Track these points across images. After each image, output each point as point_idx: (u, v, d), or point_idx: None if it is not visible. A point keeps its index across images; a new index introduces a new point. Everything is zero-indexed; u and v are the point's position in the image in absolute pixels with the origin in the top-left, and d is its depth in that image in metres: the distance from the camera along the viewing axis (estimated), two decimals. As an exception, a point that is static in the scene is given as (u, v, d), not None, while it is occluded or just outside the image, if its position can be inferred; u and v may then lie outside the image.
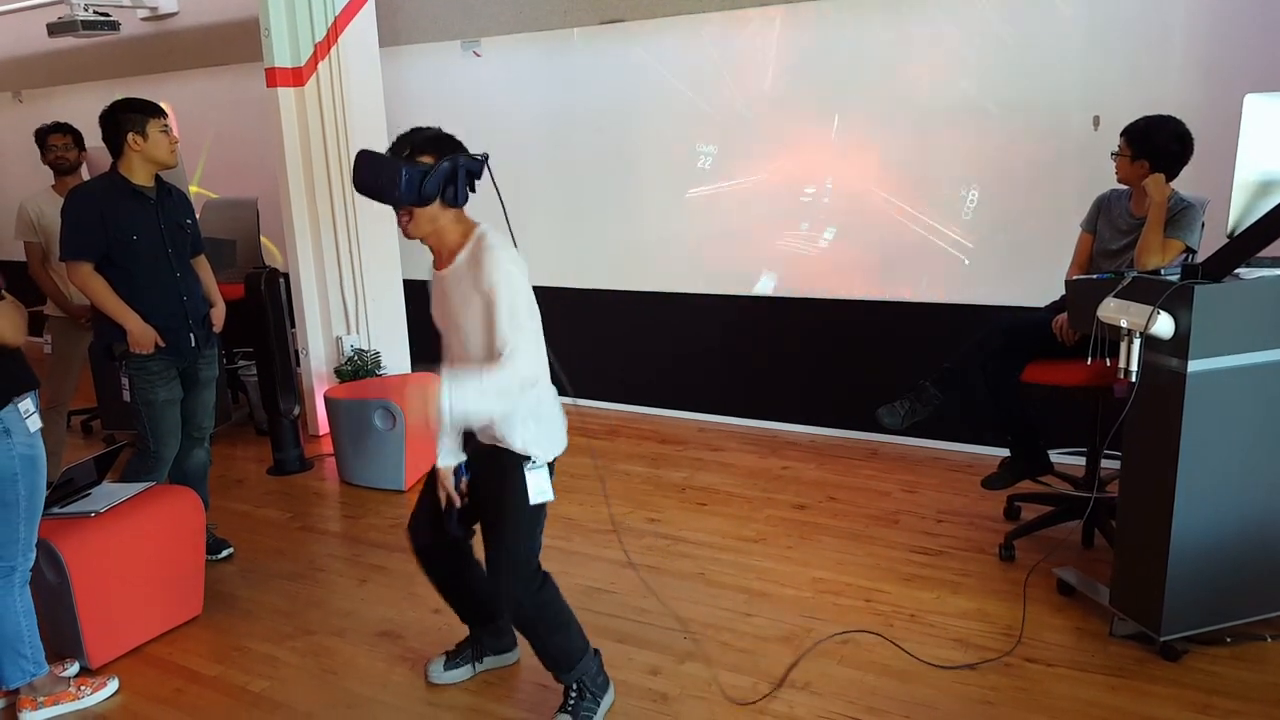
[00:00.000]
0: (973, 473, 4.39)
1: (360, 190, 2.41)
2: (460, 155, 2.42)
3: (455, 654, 3.02)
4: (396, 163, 2.36)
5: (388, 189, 2.35)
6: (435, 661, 3.02)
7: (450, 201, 2.42)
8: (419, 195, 2.36)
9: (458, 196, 2.42)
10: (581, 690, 2.73)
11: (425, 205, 2.40)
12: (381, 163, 2.37)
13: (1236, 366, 2.76)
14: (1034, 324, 3.58)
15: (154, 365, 3.53)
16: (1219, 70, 3.94)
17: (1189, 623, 2.92)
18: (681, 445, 5.14)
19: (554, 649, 2.70)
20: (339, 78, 5.16)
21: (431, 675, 3.00)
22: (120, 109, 3.46)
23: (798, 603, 3.41)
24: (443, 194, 2.40)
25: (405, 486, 4.62)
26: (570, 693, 2.73)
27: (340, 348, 5.39)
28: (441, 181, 2.38)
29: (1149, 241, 3.30)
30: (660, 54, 5.19)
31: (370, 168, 2.37)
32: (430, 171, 2.35)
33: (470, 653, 3.01)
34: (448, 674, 2.99)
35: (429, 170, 2.36)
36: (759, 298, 5.20)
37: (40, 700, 2.91)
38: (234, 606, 3.58)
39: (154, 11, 6.88)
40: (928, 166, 4.62)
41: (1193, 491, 2.80)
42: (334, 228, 5.30)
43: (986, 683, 2.88)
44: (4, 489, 2.70)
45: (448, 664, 3.00)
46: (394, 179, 2.33)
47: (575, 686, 2.73)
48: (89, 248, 3.42)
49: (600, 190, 5.56)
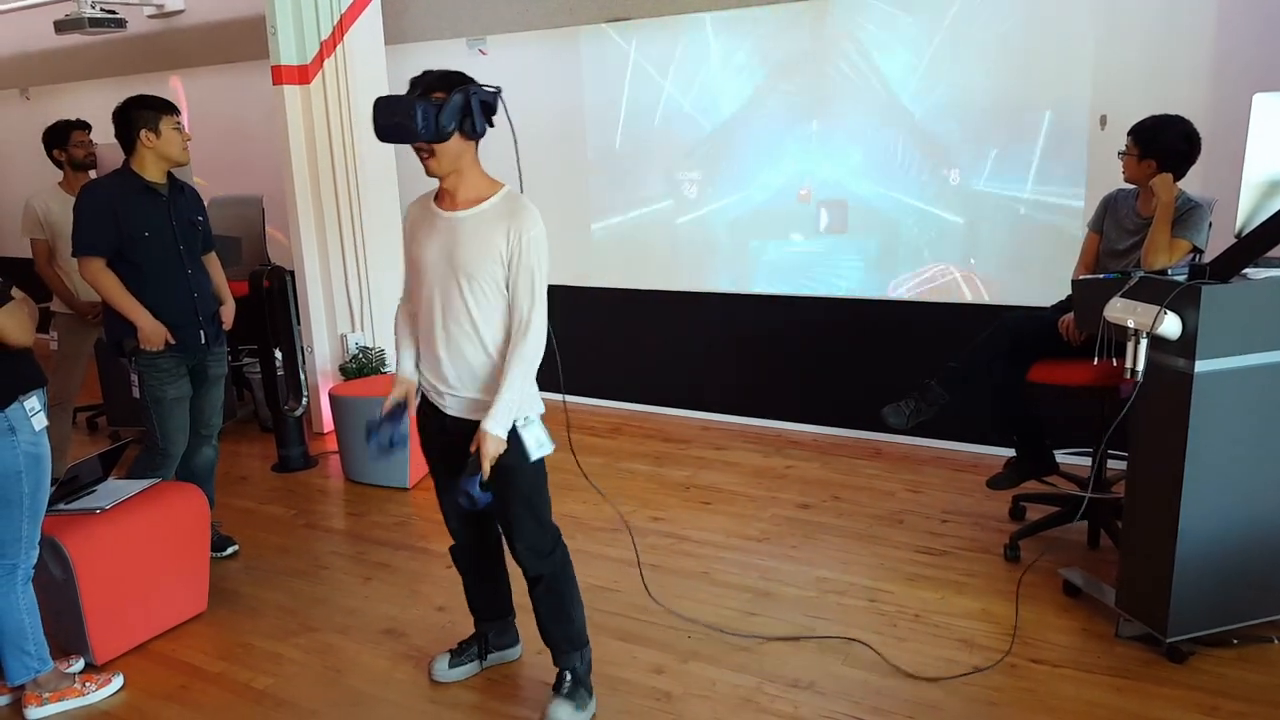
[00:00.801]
0: (978, 473, 4.38)
1: (381, 135, 2.42)
2: (471, 86, 2.44)
3: (459, 652, 3.02)
4: (410, 99, 2.38)
5: (405, 126, 2.37)
6: (439, 660, 3.02)
7: (469, 133, 2.44)
8: (436, 129, 2.37)
9: (475, 126, 2.44)
10: (576, 681, 2.75)
11: (444, 140, 2.41)
12: (397, 102, 2.39)
13: (1244, 367, 2.74)
14: (1040, 324, 3.56)
15: (164, 362, 3.54)
16: (1227, 69, 3.93)
17: (1195, 624, 2.91)
18: (685, 444, 5.13)
19: (575, 615, 2.75)
20: (344, 75, 5.17)
21: (436, 674, 3.00)
22: (133, 106, 3.46)
23: (801, 602, 3.40)
24: (460, 126, 2.41)
25: (409, 484, 4.62)
26: (564, 684, 2.74)
27: (345, 345, 5.39)
28: (457, 113, 2.40)
29: (1156, 241, 3.29)
30: (666, 51, 5.18)
31: (387, 109, 2.39)
32: (444, 104, 2.37)
33: (475, 650, 3.02)
34: (452, 672, 2.99)
35: (443, 103, 2.38)
36: (763, 296, 5.19)
37: (45, 696, 2.92)
38: (238, 603, 3.58)
39: (160, 9, 6.89)
40: (934, 164, 4.61)
41: (1199, 492, 2.79)
42: (339, 225, 5.31)
43: (991, 684, 2.87)
44: (8, 486, 2.71)
45: (452, 662, 3.00)
46: (410, 114, 2.35)
47: (570, 676, 2.75)
48: (101, 243, 3.43)
49: (605, 188, 5.55)
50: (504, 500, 2.62)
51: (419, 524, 4.22)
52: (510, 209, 2.49)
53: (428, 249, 2.56)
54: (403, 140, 2.42)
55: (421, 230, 2.59)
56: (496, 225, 2.47)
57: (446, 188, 2.53)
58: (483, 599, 3.00)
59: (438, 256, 2.54)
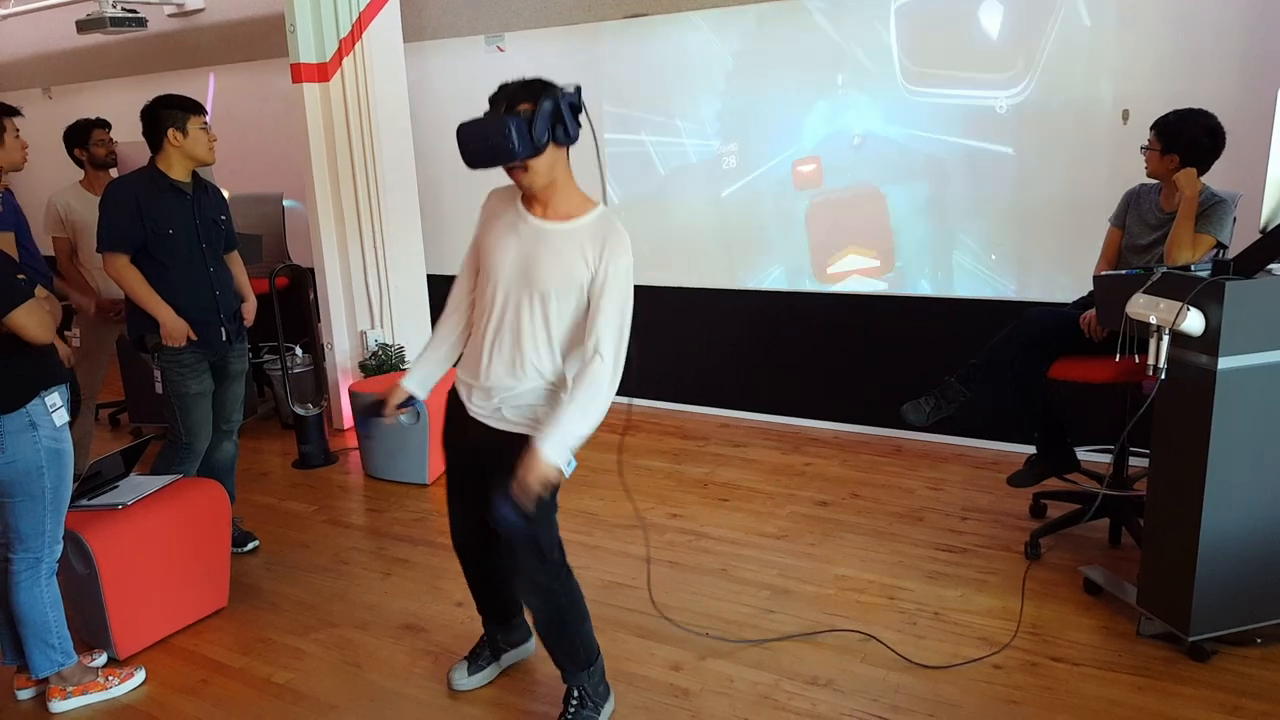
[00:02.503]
0: (998, 470, 4.36)
1: (474, 163, 2.30)
2: (559, 91, 2.34)
3: (475, 657, 2.97)
4: (502, 119, 2.25)
5: (503, 148, 2.25)
6: (457, 669, 2.96)
7: (562, 140, 2.33)
8: (533, 143, 2.27)
9: (569, 132, 2.33)
10: (583, 698, 2.70)
11: (541, 153, 2.31)
12: (488, 125, 2.27)
13: (1268, 364, 2.72)
14: (1062, 320, 3.54)
15: (186, 358, 3.57)
16: (1252, 63, 3.88)
17: (1218, 623, 2.89)
18: (703, 441, 5.13)
19: (579, 640, 2.67)
20: (364, 73, 5.18)
21: (456, 683, 2.93)
22: (161, 105, 3.49)
23: (820, 600, 3.39)
24: (554, 135, 2.31)
25: (428, 480, 4.63)
26: (571, 700, 2.70)
27: (365, 342, 5.42)
28: (550, 122, 2.29)
29: (1179, 236, 3.25)
30: (685, 48, 5.17)
31: (477, 135, 2.27)
32: (534, 116, 2.27)
33: (489, 653, 2.97)
34: (472, 679, 2.93)
35: (533, 116, 2.27)
36: (782, 293, 5.18)
37: (69, 690, 2.95)
38: (259, 599, 3.61)
39: (180, 8, 6.93)
40: (954, 161, 4.58)
41: (1222, 490, 2.77)
42: (359, 222, 5.33)
43: (1011, 682, 2.86)
44: (30, 481, 2.74)
45: (471, 669, 2.94)
46: (505, 134, 2.23)
47: (578, 693, 2.70)
48: (125, 239, 3.47)
49: (624, 185, 5.55)
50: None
51: (438, 520, 4.24)
52: (605, 230, 2.40)
53: (503, 248, 2.46)
54: (499, 164, 2.30)
55: (500, 225, 2.49)
56: (585, 246, 2.38)
57: (540, 199, 2.43)
58: (488, 600, 2.94)
59: (513, 262, 2.44)
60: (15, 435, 2.68)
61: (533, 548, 2.56)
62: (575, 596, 2.67)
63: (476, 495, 2.68)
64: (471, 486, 2.69)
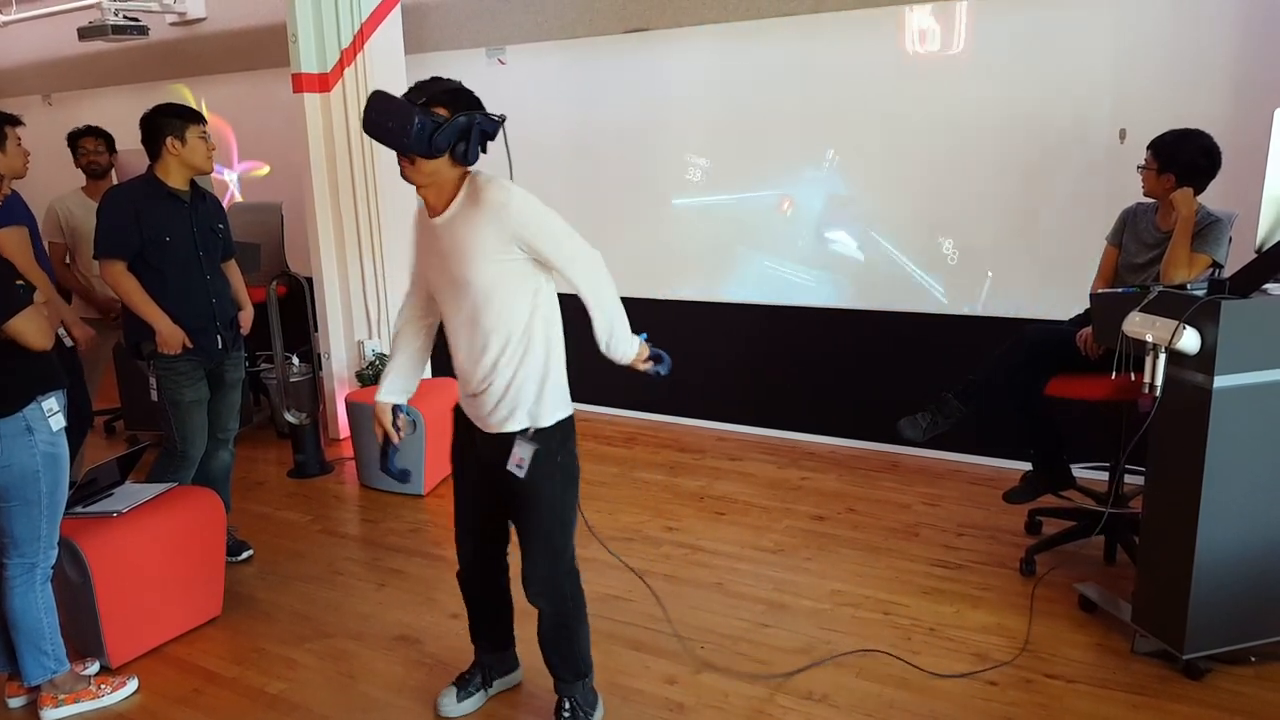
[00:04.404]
0: (994, 486, 4.36)
1: (368, 131, 2.29)
2: (477, 113, 2.32)
3: (464, 683, 2.92)
4: (411, 109, 2.24)
5: (396, 134, 2.24)
6: (446, 695, 2.89)
7: (459, 159, 2.32)
8: (428, 146, 2.25)
9: (468, 154, 2.32)
10: (575, 708, 2.71)
11: (433, 158, 2.29)
12: (395, 106, 2.25)
13: (1263, 383, 2.73)
14: (1059, 337, 3.55)
15: (181, 365, 3.57)
16: (1248, 84, 3.91)
17: (1213, 641, 2.89)
18: (700, 454, 5.13)
19: (579, 649, 2.68)
20: (365, 84, 5.19)
21: (444, 709, 2.87)
22: (161, 113, 3.51)
23: (816, 614, 3.39)
24: (452, 149, 2.30)
25: (424, 491, 4.63)
26: (563, 711, 2.71)
27: (362, 352, 5.41)
28: (454, 137, 2.28)
29: (1175, 255, 3.27)
30: (684, 62, 5.19)
31: (382, 109, 2.26)
32: (444, 124, 2.26)
33: (480, 679, 2.93)
34: (461, 705, 2.88)
35: (443, 123, 2.26)
36: (780, 307, 5.18)
37: (61, 698, 2.93)
38: (253, 608, 3.60)
39: (182, 17, 6.95)
40: (952, 177, 4.60)
41: (1217, 508, 2.77)
42: (357, 232, 5.33)
43: (1006, 699, 2.85)
44: (25, 486, 2.73)
45: (460, 695, 2.89)
46: (405, 126, 2.22)
47: (569, 704, 2.70)
48: (122, 246, 3.47)
49: (622, 197, 5.56)
50: (522, 526, 2.59)
51: (433, 531, 4.23)
52: (474, 194, 2.36)
53: (429, 260, 2.49)
54: (388, 144, 2.30)
55: (423, 241, 2.52)
56: (471, 216, 2.35)
57: (423, 195, 2.43)
58: (486, 628, 2.91)
59: (436, 272, 2.47)
60: (11, 440, 2.68)
61: (547, 547, 2.56)
62: (582, 603, 2.68)
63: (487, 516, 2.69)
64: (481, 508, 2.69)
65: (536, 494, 2.51)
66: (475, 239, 2.35)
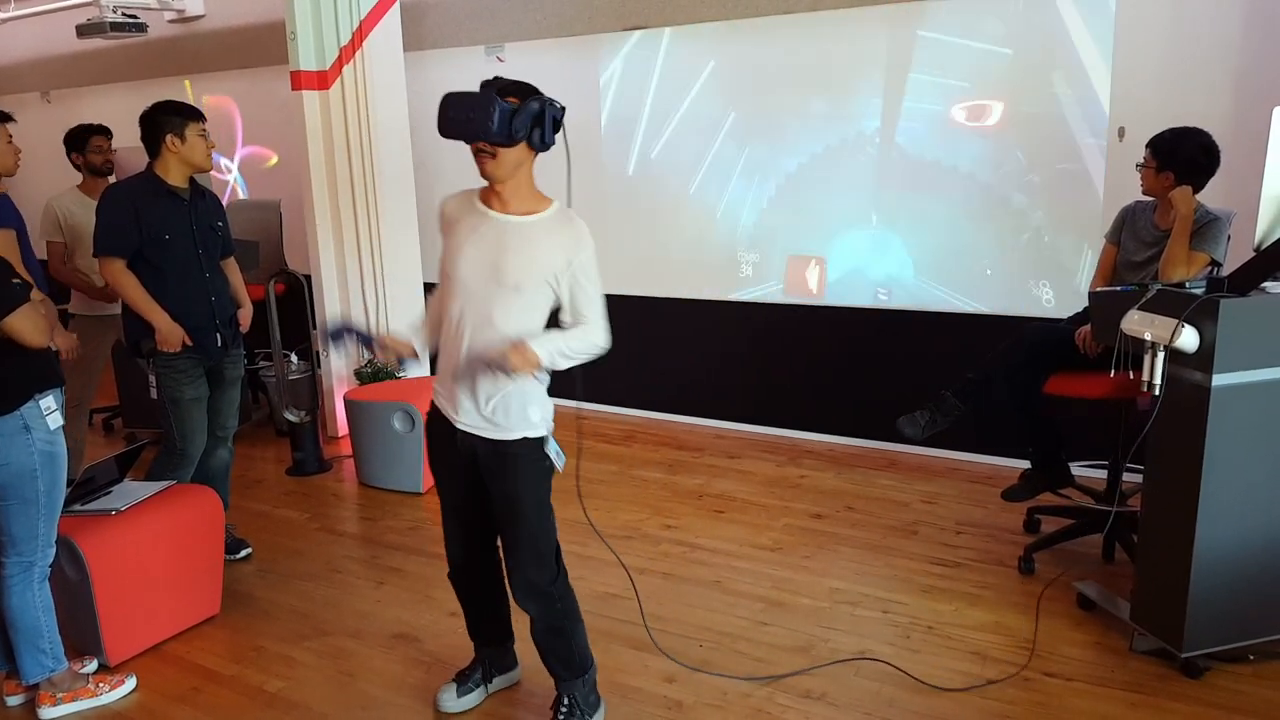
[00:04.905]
0: (993, 484, 4.36)
1: (448, 130, 2.34)
2: (545, 99, 2.39)
3: (464, 679, 2.92)
4: (491, 97, 2.30)
5: (480, 124, 2.29)
6: (446, 690, 2.91)
7: (536, 145, 2.39)
8: (509, 131, 2.31)
9: (544, 138, 2.39)
10: (573, 705, 2.70)
11: (513, 145, 2.35)
12: (474, 99, 2.32)
13: (1262, 381, 2.73)
14: (1057, 336, 3.55)
15: (181, 363, 3.57)
16: (1247, 82, 3.91)
17: (1211, 639, 2.89)
18: (699, 452, 5.13)
19: (574, 647, 2.68)
20: (363, 81, 5.19)
21: (444, 704, 2.87)
22: (160, 111, 3.51)
23: (814, 612, 3.39)
24: (529, 135, 2.36)
25: (423, 489, 4.62)
26: (561, 707, 2.70)
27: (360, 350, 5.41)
28: (530, 121, 2.35)
29: (1174, 254, 3.27)
30: (683, 60, 5.19)
31: (461, 104, 2.32)
32: (520, 109, 2.33)
33: (479, 675, 2.93)
34: (460, 701, 2.88)
35: (519, 108, 2.33)
36: (779, 305, 5.19)
37: (59, 696, 2.93)
38: (251, 606, 3.60)
39: (181, 14, 6.94)
40: (951, 175, 4.60)
41: (1216, 506, 2.77)
42: (356, 230, 5.33)
43: (1004, 697, 2.86)
44: (23, 485, 2.73)
45: (460, 691, 2.89)
46: (488, 111, 2.28)
47: (568, 700, 2.70)
48: (122, 244, 3.47)
49: (621, 195, 5.56)
50: (507, 533, 2.60)
51: (432, 529, 4.23)
52: (566, 222, 2.48)
53: (465, 251, 2.47)
54: (470, 138, 2.34)
55: (462, 229, 2.49)
56: (551, 240, 2.44)
57: (498, 191, 2.45)
58: (483, 625, 2.91)
59: (477, 262, 2.45)
60: (9, 438, 2.68)
61: (533, 553, 2.56)
62: (572, 603, 2.68)
63: (473, 514, 2.68)
64: (467, 507, 2.68)
65: (520, 502, 2.54)
66: (547, 252, 2.44)
